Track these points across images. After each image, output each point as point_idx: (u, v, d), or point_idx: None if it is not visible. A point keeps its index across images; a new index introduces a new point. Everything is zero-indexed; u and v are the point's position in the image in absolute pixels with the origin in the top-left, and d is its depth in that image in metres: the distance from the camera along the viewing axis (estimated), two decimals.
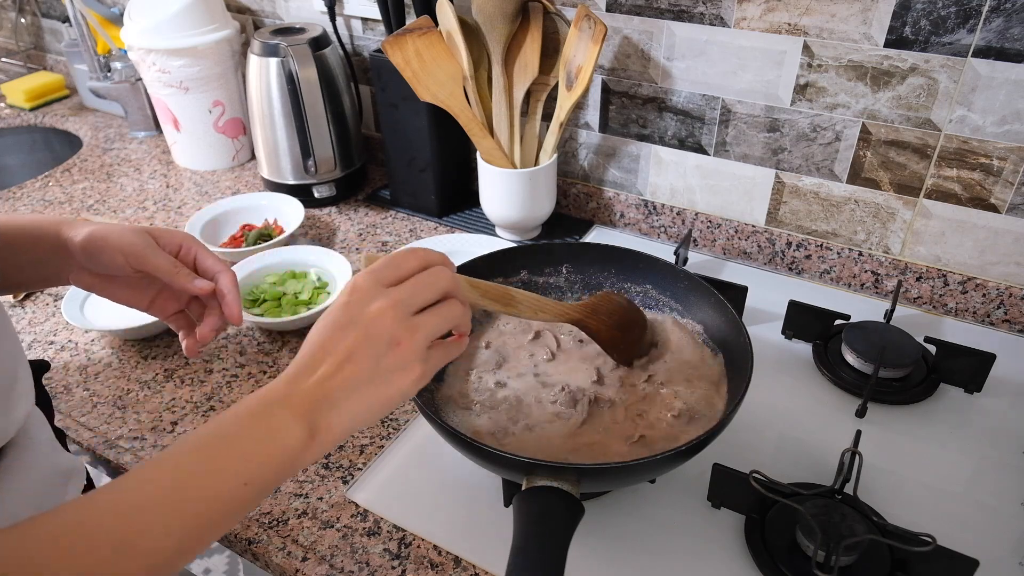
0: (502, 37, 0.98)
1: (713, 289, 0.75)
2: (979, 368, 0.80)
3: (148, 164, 1.38)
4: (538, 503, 0.55)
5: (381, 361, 0.47)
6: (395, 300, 0.48)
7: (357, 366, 0.47)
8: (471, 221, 1.17)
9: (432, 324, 0.50)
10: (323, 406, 0.46)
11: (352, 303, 0.49)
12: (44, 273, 0.66)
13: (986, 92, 0.81)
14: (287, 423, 0.45)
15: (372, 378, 0.47)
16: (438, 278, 0.50)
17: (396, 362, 0.48)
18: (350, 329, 0.48)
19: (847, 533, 0.61)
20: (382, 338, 0.47)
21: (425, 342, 0.49)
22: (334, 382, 0.47)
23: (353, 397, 0.47)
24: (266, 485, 0.45)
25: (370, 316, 0.48)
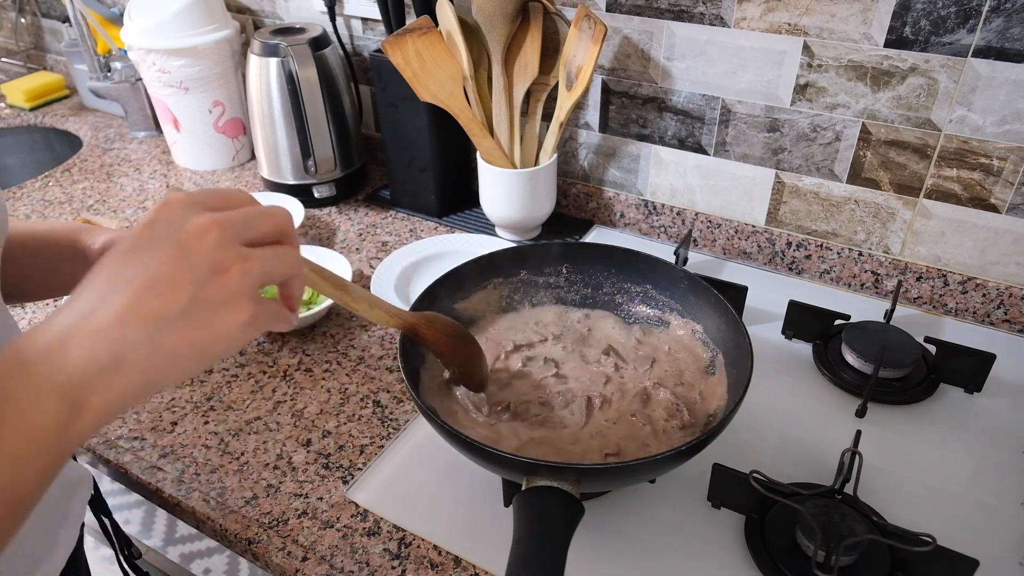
0: (502, 37, 0.98)
1: (713, 289, 0.75)
2: (979, 368, 0.80)
3: (148, 164, 1.38)
4: (538, 503, 0.55)
5: (201, 290, 0.35)
6: (222, 219, 0.37)
7: (167, 296, 0.34)
8: (471, 221, 1.17)
9: (269, 259, 0.39)
10: (103, 362, 0.34)
11: (160, 221, 0.36)
12: (60, 280, 0.65)
13: (986, 92, 0.81)
14: (33, 399, 0.33)
15: (186, 312, 0.35)
16: (274, 214, 0.40)
17: (222, 293, 0.36)
18: (158, 247, 0.35)
19: (847, 533, 0.61)
20: (204, 259, 0.35)
21: (259, 278, 0.38)
22: (129, 322, 0.34)
23: (155, 340, 0.34)
24: (25, 489, 0.33)
25: (188, 232, 0.36)
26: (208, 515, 0.71)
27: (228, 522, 0.70)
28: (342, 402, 0.83)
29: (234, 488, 0.73)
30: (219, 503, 0.72)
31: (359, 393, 0.84)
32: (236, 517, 0.70)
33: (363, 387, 0.85)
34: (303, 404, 0.83)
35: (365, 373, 0.87)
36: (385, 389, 0.85)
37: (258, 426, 0.80)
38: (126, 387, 0.34)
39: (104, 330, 0.34)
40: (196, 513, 0.71)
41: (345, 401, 0.83)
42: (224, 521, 0.70)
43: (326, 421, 0.81)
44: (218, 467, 0.76)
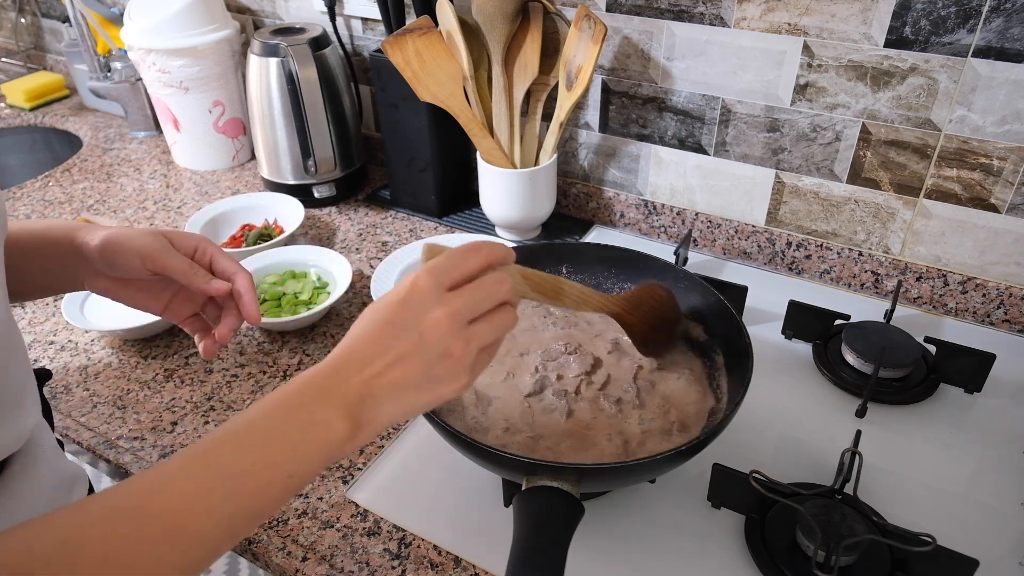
0: (502, 37, 0.98)
1: (713, 289, 0.75)
2: (979, 368, 0.80)
3: (148, 164, 1.38)
4: (538, 503, 0.55)
5: (432, 369, 0.47)
6: (454, 310, 0.48)
7: (407, 371, 0.47)
8: (471, 221, 1.17)
9: (486, 335, 0.50)
10: (368, 403, 0.46)
11: (410, 304, 0.48)
12: (58, 278, 0.66)
13: (986, 92, 0.81)
14: (331, 418, 0.45)
15: (420, 384, 0.47)
16: (499, 288, 0.50)
17: (446, 372, 0.48)
18: (405, 332, 0.47)
19: (847, 533, 0.61)
20: (436, 348, 0.47)
21: (476, 351, 0.49)
22: (381, 381, 0.47)
23: (398, 398, 0.47)
24: (308, 476, 0.46)
25: (427, 324, 0.47)
26: None
27: None
28: None
29: None
30: None
31: None
32: None
33: None
34: None
35: None
36: None
37: None
38: (380, 421, 0.47)
39: (368, 382, 0.47)
40: None
41: None
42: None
43: None
44: None
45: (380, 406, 0.47)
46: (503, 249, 0.53)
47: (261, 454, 0.44)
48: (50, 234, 0.63)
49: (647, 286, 0.74)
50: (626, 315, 0.71)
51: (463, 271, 0.50)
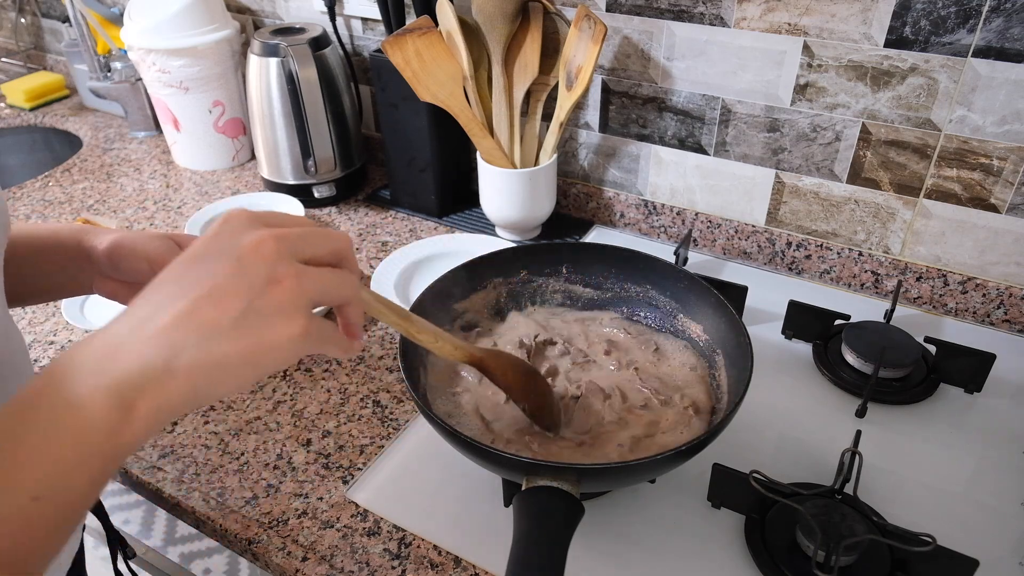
0: (502, 37, 0.98)
1: (713, 289, 0.75)
2: (979, 368, 0.80)
3: (148, 164, 1.38)
4: (538, 503, 0.55)
5: (255, 300, 0.36)
6: (280, 234, 0.38)
7: (222, 306, 0.35)
8: (471, 221, 1.17)
9: (323, 278, 0.39)
10: (156, 364, 0.34)
11: (222, 233, 0.38)
12: (64, 281, 0.65)
13: (986, 92, 0.81)
14: (85, 399, 0.33)
15: (239, 322, 0.35)
16: (333, 237, 0.41)
17: (274, 304, 0.36)
18: (216, 260, 0.36)
19: (847, 533, 0.61)
20: (260, 271, 0.36)
21: (313, 294, 0.38)
22: (183, 327, 0.35)
23: (206, 346, 0.35)
24: (69, 493, 0.33)
25: (248, 244, 0.37)
26: (208, 515, 0.71)
27: (228, 522, 0.70)
28: (342, 402, 0.83)
29: (234, 488, 0.73)
30: (219, 503, 0.72)
31: (359, 393, 0.84)
32: (236, 517, 0.70)
33: (363, 387, 0.85)
34: (303, 404, 0.83)
35: (365, 373, 0.87)
36: (385, 389, 0.85)
37: (258, 426, 0.80)
38: (174, 393, 0.35)
39: (157, 335, 0.34)
40: (196, 513, 0.71)
41: (345, 401, 0.83)
42: (224, 521, 0.70)
43: (326, 421, 0.81)
44: (218, 467, 0.76)
45: (174, 366, 0.34)
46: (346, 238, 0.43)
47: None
48: (58, 237, 0.63)
49: (497, 349, 0.69)
50: (489, 362, 0.62)
51: (287, 219, 0.41)
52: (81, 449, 0.33)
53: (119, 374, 0.34)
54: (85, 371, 0.34)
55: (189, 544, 0.90)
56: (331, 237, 0.41)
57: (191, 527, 0.75)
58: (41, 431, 0.33)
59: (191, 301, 0.35)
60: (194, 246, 0.38)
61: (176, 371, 0.34)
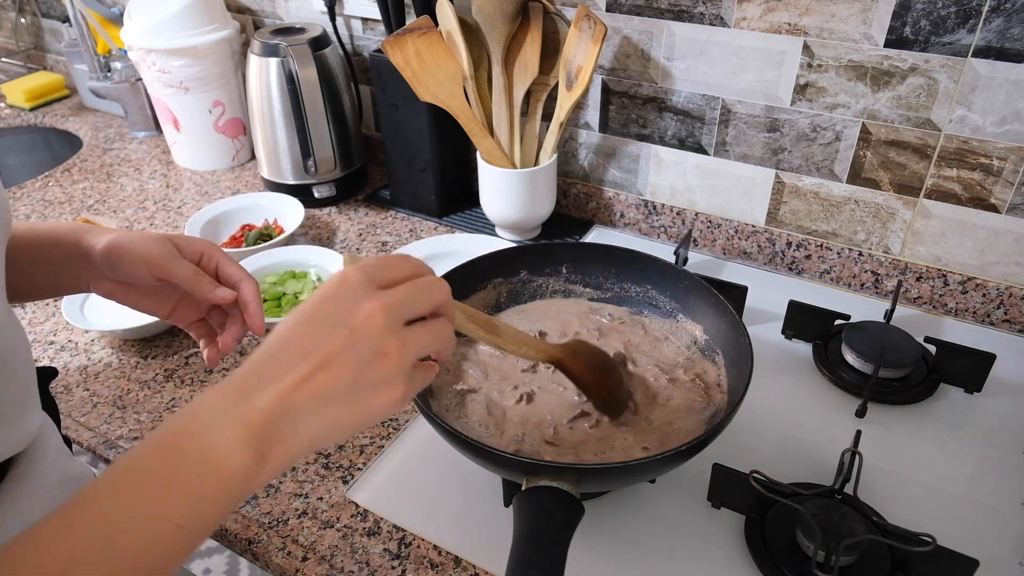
0: (502, 37, 0.98)
1: (713, 289, 0.75)
2: (979, 368, 0.80)
3: (148, 164, 1.38)
4: (538, 503, 0.55)
5: (363, 372, 0.40)
6: (389, 303, 0.41)
7: (334, 376, 0.40)
8: (471, 221, 1.17)
9: (424, 340, 0.43)
10: (280, 423, 0.39)
11: (339, 298, 0.41)
12: (62, 280, 0.65)
13: (986, 92, 0.81)
14: (229, 448, 0.38)
15: (349, 391, 0.40)
16: (435, 289, 0.45)
17: (380, 376, 0.41)
18: (332, 329, 0.40)
19: (847, 533, 0.61)
20: (370, 345, 0.40)
21: (414, 358, 0.43)
22: (300, 392, 0.39)
23: (320, 413, 0.40)
24: (207, 525, 0.39)
25: (360, 316, 0.40)
26: None
27: (228, 522, 0.70)
28: None
29: None
30: None
31: None
32: (236, 517, 0.70)
33: None
34: None
35: None
36: None
37: None
38: (297, 445, 0.40)
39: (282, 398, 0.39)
40: None
41: None
42: (224, 521, 0.70)
43: None
44: None
45: (296, 425, 0.39)
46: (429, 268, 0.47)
47: (140, 504, 0.37)
48: (56, 235, 0.63)
49: (577, 340, 0.70)
50: (567, 361, 0.65)
51: (396, 271, 0.44)
52: (223, 489, 0.38)
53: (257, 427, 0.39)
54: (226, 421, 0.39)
55: None
56: (431, 293, 0.44)
57: None
58: (191, 472, 0.38)
59: (308, 368, 0.39)
60: (314, 303, 0.42)
61: (298, 430, 0.39)
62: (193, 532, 0.38)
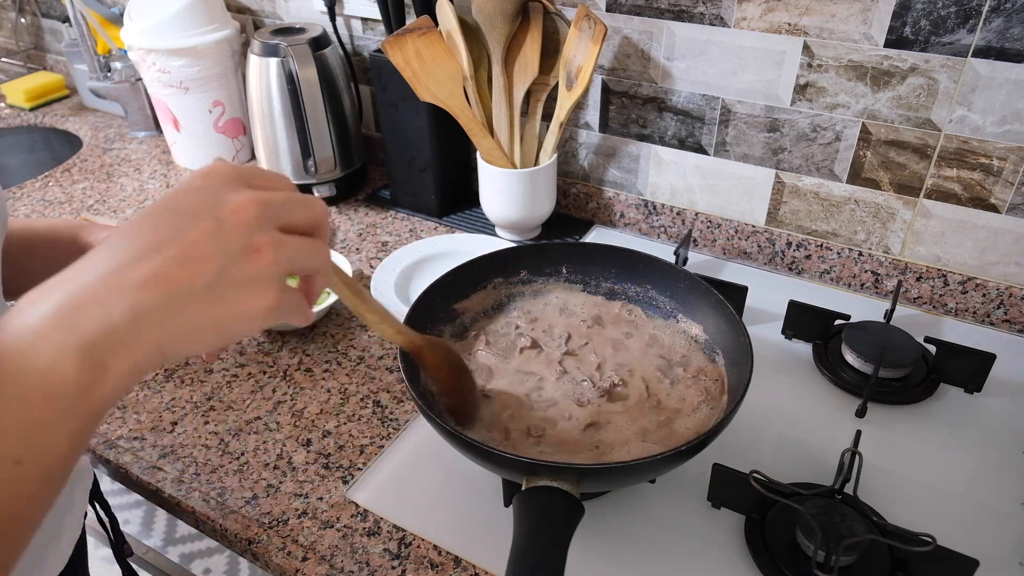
0: (502, 37, 0.98)
1: (713, 289, 0.75)
2: (979, 368, 0.80)
3: (148, 164, 1.38)
4: (538, 503, 0.55)
5: (230, 267, 0.35)
6: (264, 199, 0.37)
7: (194, 269, 0.34)
8: (471, 221, 1.17)
9: (300, 248, 0.38)
10: (122, 325, 0.33)
11: (205, 188, 0.36)
12: None
13: (986, 92, 0.81)
14: (51, 359, 0.32)
15: (211, 287, 0.34)
16: (314, 203, 0.40)
17: (249, 274, 0.35)
18: (195, 218, 0.35)
19: (847, 533, 0.61)
20: (239, 237, 0.35)
21: (288, 265, 0.37)
22: (153, 288, 0.33)
23: (175, 311, 0.34)
24: (49, 455, 0.33)
25: (229, 208, 0.35)
26: (208, 515, 0.71)
27: (228, 522, 0.70)
28: (342, 402, 0.83)
29: (234, 488, 0.73)
30: (219, 503, 0.72)
31: (359, 393, 0.84)
32: (236, 517, 0.70)
33: (363, 387, 0.85)
34: (303, 404, 0.83)
35: (365, 373, 0.87)
36: (385, 389, 0.85)
37: (258, 426, 0.80)
38: (143, 352, 0.34)
39: (124, 292, 0.33)
40: (196, 513, 0.71)
41: (345, 401, 0.83)
42: (224, 521, 0.70)
43: (326, 421, 0.81)
44: (218, 467, 0.76)
45: (142, 325, 0.33)
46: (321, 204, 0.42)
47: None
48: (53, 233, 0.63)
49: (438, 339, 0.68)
50: (426, 352, 0.62)
51: (270, 180, 0.39)
52: (56, 410, 0.32)
53: (88, 332, 0.33)
54: (49, 327, 0.32)
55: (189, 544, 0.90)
56: (309, 204, 0.40)
57: (191, 527, 0.75)
58: (14, 396, 0.32)
59: (163, 260, 0.34)
60: (172, 195, 0.36)
61: (143, 330, 0.33)
62: (37, 465, 0.32)
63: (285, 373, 0.88)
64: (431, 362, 0.64)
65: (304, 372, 0.87)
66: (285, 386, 0.86)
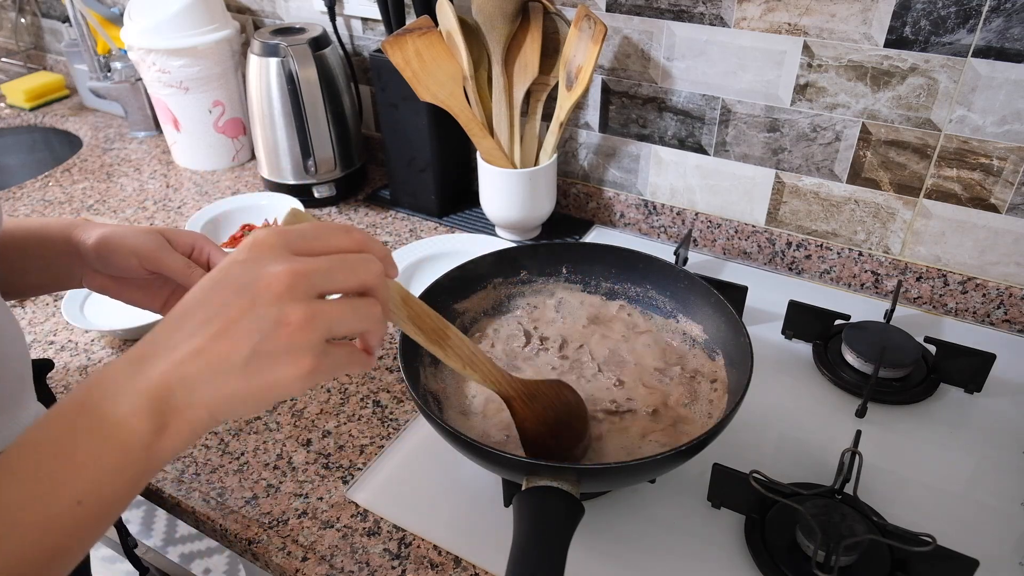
0: (502, 37, 0.98)
1: (713, 289, 0.75)
2: (979, 368, 0.80)
3: (148, 164, 1.38)
4: (538, 503, 0.55)
5: (263, 342, 0.37)
6: (298, 270, 0.38)
7: (233, 343, 0.37)
8: (471, 221, 1.17)
9: (337, 314, 0.39)
10: (178, 393, 0.37)
11: (247, 262, 0.38)
12: (54, 276, 0.65)
13: (986, 92, 0.81)
14: (126, 416, 0.37)
15: (248, 362, 0.37)
16: (363, 265, 0.40)
17: (280, 347, 0.37)
18: (234, 295, 0.38)
19: (847, 533, 0.61)
20: (269, 312, 0.37)
21: (323, 332, 0.38)
22: (198, 361, 0.37)
23: (218, 383, 0.37)
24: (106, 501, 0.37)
25: (264, 281, 0.37)
26: (208, 515, 0.71)
27: (228, 522, 0.70)
28: (342, 402, 0.83)
29: (234, 488, 0.73)
30: (219, 503, 0.72)
31: (359, 393, 0.84)
32: (236, 517, 0.70)
33: (363, 387, 0.85)
34: (303, 404, 0.83)
35: (365, 373, 0.87)
36: (385, 389, 0.85)
37: (258, 426, 0.80)
38: (196, 416, 0.38)
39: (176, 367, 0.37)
40: (196, 513, 0.71)
41: (345, 401, 0.83)
42: (224, 521, 0.70)
43: (326, 421, 0.81)
44: (218, 467, 0.76)
45: (193, 395, 0.37)
46: (384, 247, 0.43)
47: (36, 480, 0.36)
48: (46, 232, 0.63)
49: (556, 383, 0.64)
50: (518, 402, 0.60)
51: (322, 241, 0.40)
52: (123, 459, 0.37)
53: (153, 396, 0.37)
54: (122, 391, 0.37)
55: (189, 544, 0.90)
56: (359, 269, 0.40)
57: (191, 527, 0.75)
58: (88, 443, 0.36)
59: (206, 336, 0.37)
60: (220, 268, 0.39)
61: (194, 400, 0.38)
62: (94, 508, 0.37)
63: None
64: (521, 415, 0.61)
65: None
66: None
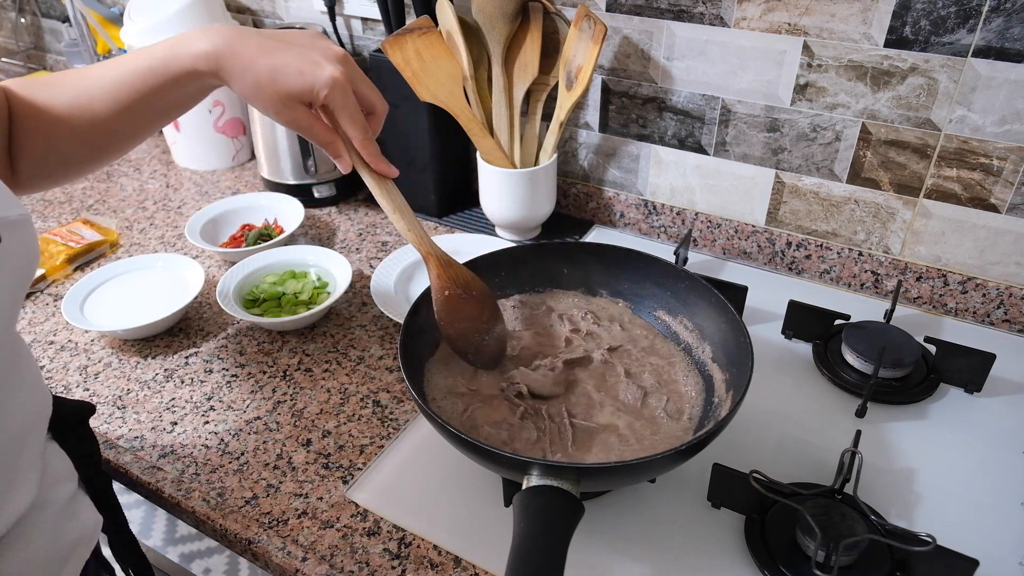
0: (502, 37, 0.98)
1: (713, 289, 0.75)
2: (979, 368, 0.80)
3: (148, 164, 1.38)
4: (538, 503, 0.55)
5: (311, 46, 0.64)
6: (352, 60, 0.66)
7: (292, 38, 0.64)
8: (471, 221, 1.17)
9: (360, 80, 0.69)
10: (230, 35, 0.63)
11: (317, 36, 0.67)
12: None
13: (986, 92, 0.81)
14: (195, 37, 0.63)
15: (290, 46, 0.63)
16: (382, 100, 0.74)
17: (325, 49, 0.64)
18: (305, 36, 0.65)
19: (847, 533, 0.61)
20: (327, 45, 0.65)
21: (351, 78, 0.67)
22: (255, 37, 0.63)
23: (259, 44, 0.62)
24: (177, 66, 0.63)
25: (328, 44, 0.67)
26: (208, 515, 0.71)
27: (228, 522, 0.70)
28: (342, 402, 0.83)
29: (234, 488, 0.73)
30: (219, 503, 0.72)
31: (359, 393, 0.84)
32: (236, 517, 0.70)
33: (363, 387, 0.85)
34: (303, 404, 0.83)
35: (365, 373, 0.87)
36: (385, 389, 0.85)
37: (258, 426, 0.80)
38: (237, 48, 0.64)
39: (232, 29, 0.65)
40: (196, 513, 0.71)
41: (345, 401, 0.83)
42: (224, 521, 0.70)
43: (326, 421, 0.81)
44: (218, 467, 0.76)
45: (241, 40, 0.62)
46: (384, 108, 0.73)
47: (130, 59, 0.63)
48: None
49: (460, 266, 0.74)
50: (434, 260, 0.72)
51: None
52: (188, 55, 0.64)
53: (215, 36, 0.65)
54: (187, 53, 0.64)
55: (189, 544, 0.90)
56: (379, 95, 0.71)
57: (191, 527, 0.75)
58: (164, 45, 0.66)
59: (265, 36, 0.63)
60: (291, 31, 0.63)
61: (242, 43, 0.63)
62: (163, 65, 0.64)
63: (285, 373, 0.88)
64: (437, 272, 0.71)
65: (304, 372, 0.88)
66: (285, 386, 0.86)
